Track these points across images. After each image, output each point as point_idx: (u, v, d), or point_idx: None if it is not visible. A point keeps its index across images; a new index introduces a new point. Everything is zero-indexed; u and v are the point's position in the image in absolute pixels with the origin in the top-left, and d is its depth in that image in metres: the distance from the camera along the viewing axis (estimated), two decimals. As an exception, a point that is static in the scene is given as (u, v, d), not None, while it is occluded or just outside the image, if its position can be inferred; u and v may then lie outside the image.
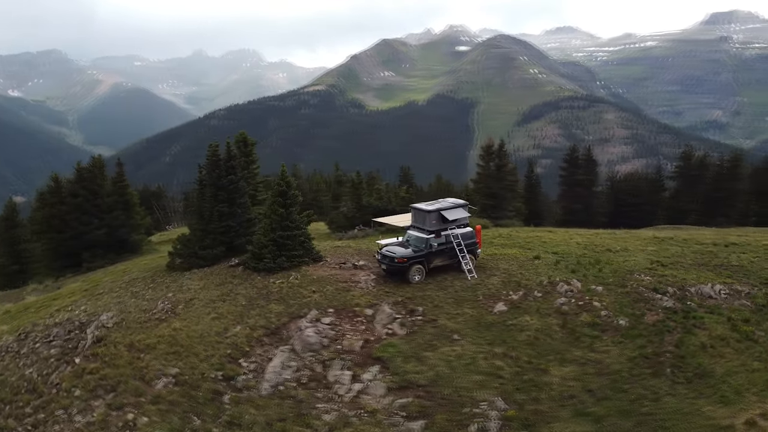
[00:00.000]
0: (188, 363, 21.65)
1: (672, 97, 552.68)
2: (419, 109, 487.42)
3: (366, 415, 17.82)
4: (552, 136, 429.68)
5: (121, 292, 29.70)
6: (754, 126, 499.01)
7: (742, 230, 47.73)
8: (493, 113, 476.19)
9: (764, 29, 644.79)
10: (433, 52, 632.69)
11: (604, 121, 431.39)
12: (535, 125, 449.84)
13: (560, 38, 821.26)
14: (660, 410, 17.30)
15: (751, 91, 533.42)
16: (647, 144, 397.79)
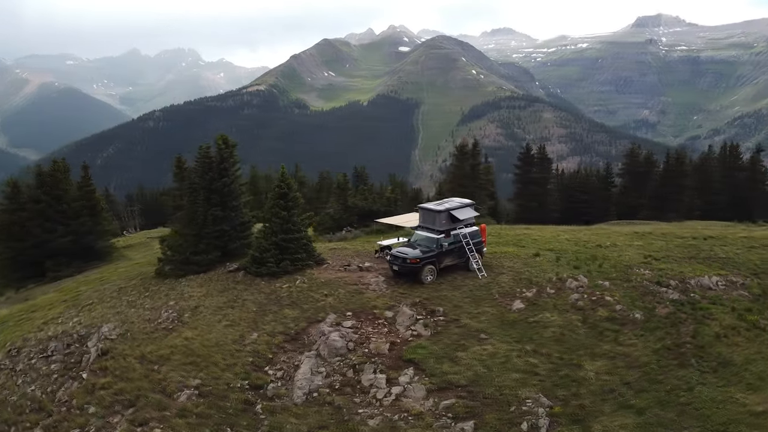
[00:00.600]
0: (210, 373, 20.90)
1: (605, 97, 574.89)
2: (363, 110, 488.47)
3: (412, 419, 17.67)
4: (493, 135, 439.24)
5: (114, 301, 28.35)
6: (679, 124, 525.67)
7: (706, 223, 50.20)
8: (437, 113, 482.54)
9: (687, 33, 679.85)
10: (375, 53, 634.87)
11: (543, 120, 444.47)
12: (477, 124, 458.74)
13: (498, 39, 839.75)
14: (696, 399, 17.94)
15: (675, 92, 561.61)
16: (583, 142, 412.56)
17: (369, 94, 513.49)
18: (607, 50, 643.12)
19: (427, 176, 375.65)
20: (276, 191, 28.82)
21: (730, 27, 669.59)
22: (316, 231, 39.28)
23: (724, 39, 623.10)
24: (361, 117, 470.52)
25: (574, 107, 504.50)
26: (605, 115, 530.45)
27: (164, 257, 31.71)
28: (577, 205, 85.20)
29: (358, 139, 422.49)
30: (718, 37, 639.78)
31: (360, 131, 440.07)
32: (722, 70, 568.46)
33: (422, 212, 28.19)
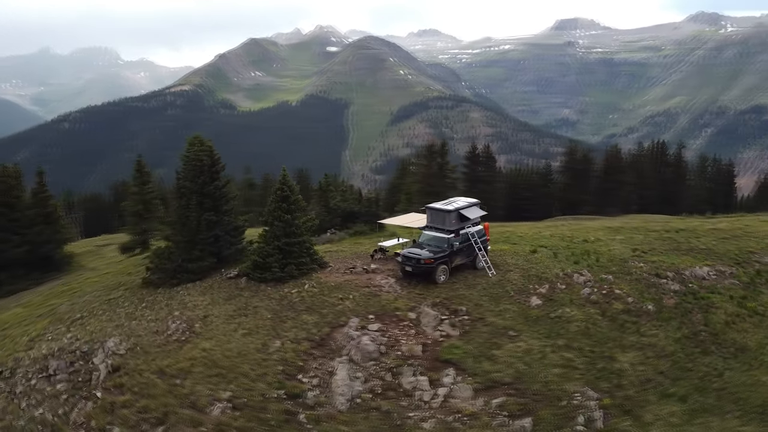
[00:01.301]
0: (240, 385, 20.13)
1: (528, 97, 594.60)
2: (292, 110, 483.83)
3: (467, 419, 17.67)
4: (423, 135, 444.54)
5: (109, 314, 26.77)
6: (598, 123, 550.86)
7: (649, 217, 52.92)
8: (367, 113, 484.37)
9: (603, 35, 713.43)
10: (303, 53, 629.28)
11: (470, 120, 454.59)
12: (406, 124, 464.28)
13: (425, 41, 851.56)
14: (728, 384, 18.93)
15: (594, 92, 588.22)
16: (509, 141, 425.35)
17: (298, 94, 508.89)
18: (529, 52, 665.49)
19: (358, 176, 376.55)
20: (278, 194, 28.06)
21: (641, 31, 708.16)
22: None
23: (637, 42, 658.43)
24: (291, 117, 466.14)
25: (499, 107, 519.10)
26: (529, 115, 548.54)
27: (153, 266, 30.23)
28: (521, 202, 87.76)
29: (288, 139, 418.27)
30: (631, 40, 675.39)
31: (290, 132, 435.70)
32: (635, 71, 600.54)
33: (431, 212, 28.20)
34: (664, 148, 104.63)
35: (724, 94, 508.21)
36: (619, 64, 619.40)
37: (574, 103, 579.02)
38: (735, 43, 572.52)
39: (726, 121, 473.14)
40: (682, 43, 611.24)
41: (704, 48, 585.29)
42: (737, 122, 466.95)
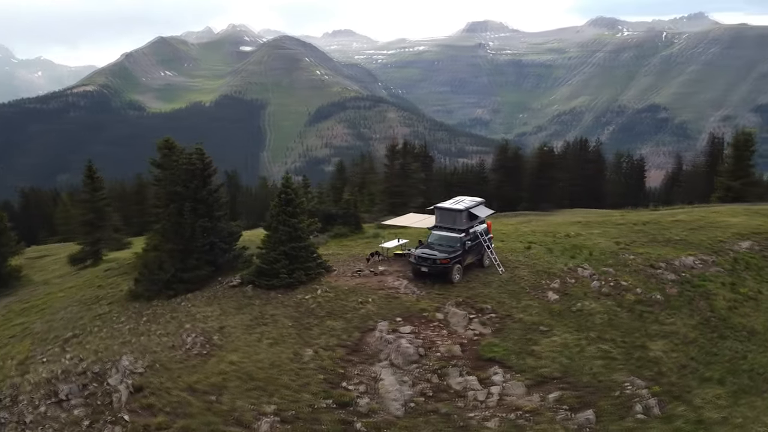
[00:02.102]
0: (283, 397, 19.39)
1: (443, 97, 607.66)
2: (206, 111, 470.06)
3: (530, 415, 17.88)
4: (341, 136, 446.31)
5: (108, 331, 24.94)
6: (509, 122, 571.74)
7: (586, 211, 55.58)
8: (284, 114, 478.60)
9: (512, 38, 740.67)
10: (216, 52, 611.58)
11: (388, 120, 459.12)
12: (324, 125, 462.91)
13: (340, 41, 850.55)
14: (756, 365, 20.27)
15: (505, 92, 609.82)
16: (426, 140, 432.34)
17: (212, 95, 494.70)
18: (443, 53, 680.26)
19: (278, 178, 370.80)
20: (282, 197, 27.17)
21: (546, 33, 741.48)
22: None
23: (543, 44, 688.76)
24: (206, 118, 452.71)
25: (416, 107, 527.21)
26: (444, 115, 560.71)
27: (143, 277, 28.47)
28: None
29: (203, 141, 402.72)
30: (538, 42, 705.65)
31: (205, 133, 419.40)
32: (542, 72, 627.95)
33: (441, 212, 28.24)
34: (586, 146, 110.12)
35: (623, 94, 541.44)
36: (528, 65, 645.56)
37: (487, 103, 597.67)
38: (631, 46, 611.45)
39: (625, 119, 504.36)
40: (584, 46, 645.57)
41: (604, 50, 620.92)
42: (635, 120, 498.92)
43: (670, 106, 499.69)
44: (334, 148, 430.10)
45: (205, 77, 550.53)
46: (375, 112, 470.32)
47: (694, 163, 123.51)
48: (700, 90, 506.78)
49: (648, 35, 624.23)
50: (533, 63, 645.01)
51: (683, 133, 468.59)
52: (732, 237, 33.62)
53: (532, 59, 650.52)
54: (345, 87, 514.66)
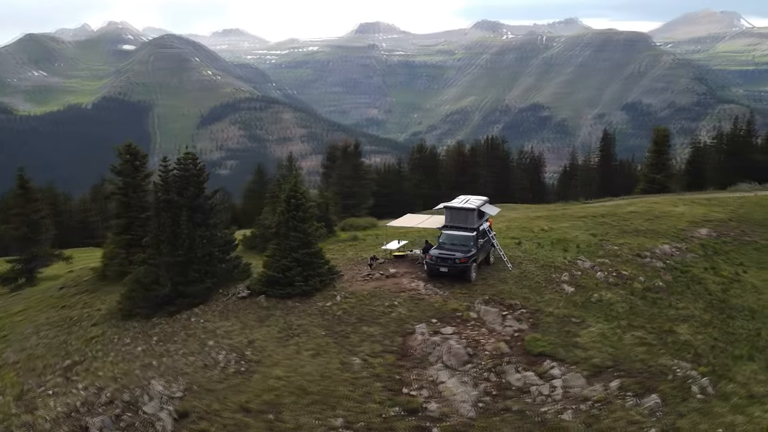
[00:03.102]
0: (348, 408, 18.69)
1: (337, 97, 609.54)
2: (86, 114, 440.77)
3: (600, 405, 18.39)
4: (235, 138, 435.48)
5: (118, 355, 22.84)
6: (403, 122, 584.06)
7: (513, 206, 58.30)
8: (173, 116, 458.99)
9: (403, 39, 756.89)
10: (93, 51, 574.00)
11: (283, 121, 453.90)
12: (217, 127, 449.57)
13: (230, 40, 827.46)
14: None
15: (397, 92, 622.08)
16: (322, 141, 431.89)
17: (92, 97, 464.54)
18: (335, 53, 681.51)
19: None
20: (291, 203, 26.09)
21: (435, 36, 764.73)
22: (254, 242, 35.97)
23: (433, 46, 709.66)
24: (86, 122, 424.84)
25: (310, 108, 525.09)
26: (339, 115, 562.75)
27: (134, 293, 26.26)
28: (380, 200, 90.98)
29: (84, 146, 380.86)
30: (427, 44, 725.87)
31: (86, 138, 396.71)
32: (433, 73, 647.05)
33: (451, 211, 28.29)
34: (495, 143, 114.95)
35: (508, 94, 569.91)
36: (419, 66, 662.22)
37: (381, 103, 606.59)
38: (513, 49, 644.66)
39: (511, 118, 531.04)
40: (471, 48, 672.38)
41: (489, 52, 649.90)
42: (520, 119, 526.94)
43: (550, 105, 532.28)
44: (228, 150, 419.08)
45: (83, 78, 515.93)
46: (269, 113, 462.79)
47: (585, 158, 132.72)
48: (576, 90, 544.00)
49: (529, 38, 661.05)
50: (424, 64, 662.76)
51: (563, 130, 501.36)
52: (689, 225, 36.54)
53: (423, 60, 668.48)
54: (237, 88, 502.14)
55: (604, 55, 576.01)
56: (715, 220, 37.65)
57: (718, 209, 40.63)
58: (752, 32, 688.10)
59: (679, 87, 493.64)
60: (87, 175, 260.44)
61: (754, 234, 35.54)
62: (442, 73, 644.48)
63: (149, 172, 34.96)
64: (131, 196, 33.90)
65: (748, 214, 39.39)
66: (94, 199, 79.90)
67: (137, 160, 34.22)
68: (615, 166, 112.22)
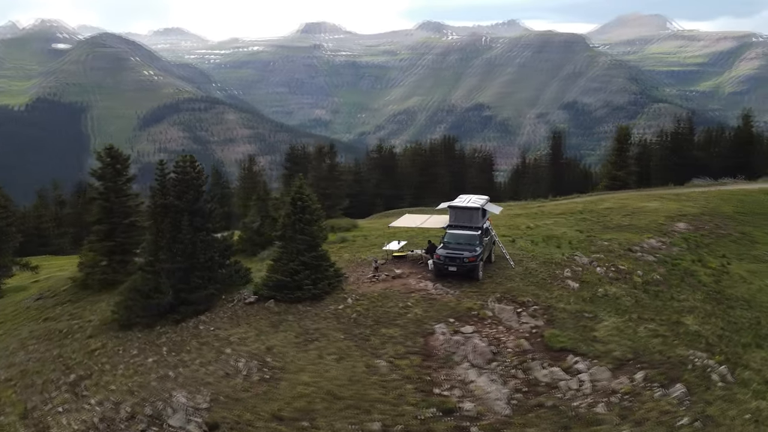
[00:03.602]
0: (383, 412, 18.51)
1: (282, 98, 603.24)
2: (16, 116, 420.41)
3: (630, 397, 18.84)
4: (177, 139, 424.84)
5: (128, 368, 21.81)
6: (349, 122, 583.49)
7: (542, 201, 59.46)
8: (110, 117, 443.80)
9: (348, 39, 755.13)
10: (23, 50, 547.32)
11: (227, 122, 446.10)
12: (157, 129, 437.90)
13: (170, 40, 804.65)
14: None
15: (343, 93, 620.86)
16: (268, 142, 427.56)
17: (23, 98, 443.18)
18: (278, 53, 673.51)
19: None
20: (298, 205, 25.59)
21: (380, 36, 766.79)
22: (241, 245, 35.09)
23: (377, 46, 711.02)
24: (16, 124, 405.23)
25: (254, 108, 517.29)
26: (284, 116, 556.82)
27: (133, 302, 25.19)
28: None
29: (14, 148, 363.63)
30: (372, 44, 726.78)
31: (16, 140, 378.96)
32: (378, 73, 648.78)
33: (456, 211, 28.32)
34: (452, 143, 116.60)
35: (452, 94, 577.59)
36: (364, 66, 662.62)
37: (326, 103, 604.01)
38: (457, 50, 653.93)
39: (455, 118, 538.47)
40: (415, 49, 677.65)
41: (433, 53, 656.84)
42: (464, 118, 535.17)
43: (493, 104, 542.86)
44: (170, 152, 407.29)
45: (11, 78, 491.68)
46: (212, 114, 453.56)
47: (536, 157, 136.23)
48: (517, 90, 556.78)
49: (471, 39, 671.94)
50: (369, 64, 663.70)
51: (506, 129, 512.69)
52: (667, 220, 37.96)
53: (368, 60, 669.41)
54: (178, 88, 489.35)
55: (543, 56, 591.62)
56: (689, 214, 39.25)
57: (689, 204, 42.39)
58: (680, 35, 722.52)
59: (615, 87, 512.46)
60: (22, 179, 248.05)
61: (727, 227, 37.29)
62: (387, 73, 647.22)
63: (131, 176, 33.62)
64: (113, 201, 32.49)
65: (717, 209, 41.26)
66: (44, 204, 76.27)
67: (119, 164, 32.82)
68: (563, 164, 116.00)
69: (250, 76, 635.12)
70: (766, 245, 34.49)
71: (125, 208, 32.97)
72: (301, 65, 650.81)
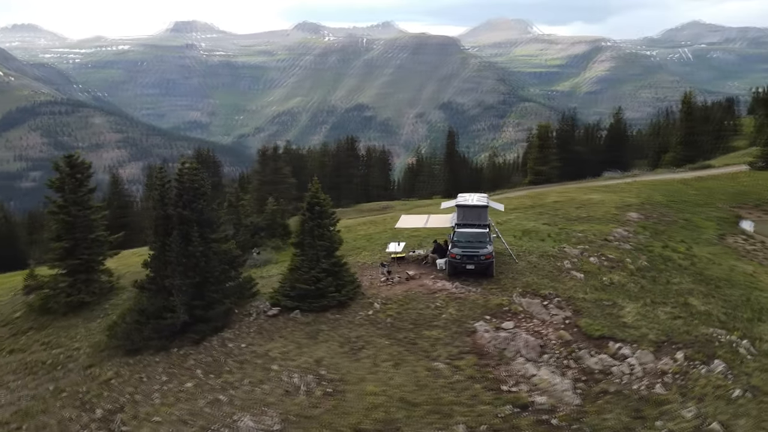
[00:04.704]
0: (463, 414, 18.41)
1: (153, 100, 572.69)
2: None
3: (680, 375, 20.10)
4: (37, 146, 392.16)
5: (165, 395, 19.83)
6: (228, 124, 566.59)
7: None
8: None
9: (222, 39, 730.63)
10: None
11: (93, 126, 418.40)
12: (14, 134, 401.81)
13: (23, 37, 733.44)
14: (762, 303, 25.80)
15: (220, 94, 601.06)
16: (141, 146, 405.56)
17: None
18: (149, 53, 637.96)
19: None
20: (315, 210, 24.56)
21: (256, 36, 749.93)
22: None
23: (253, 46, 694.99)
24: None
25: (123, 111, 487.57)
26: (156, 118, 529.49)
27: (140, 325, 22.94)
28: None
29: None
30: (248, 44, 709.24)
31: None
32: (256, 74, 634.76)
33: (464, 210, 28.38)
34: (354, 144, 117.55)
35: (333, 95, 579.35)
36: (240, 67, 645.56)
37: (202, 105, 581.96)
38: (335, 51, 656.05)
39: (337, 118, 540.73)
40: (293, 49, 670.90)
41: (312, 54, 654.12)
42: (346, 119, 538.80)
43: (373, 105, 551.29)
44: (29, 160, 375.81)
45: None
46: (76, 117, 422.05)
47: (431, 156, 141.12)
48: (396, 90, 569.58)
49: (349, 40, 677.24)
50: (246, 65, 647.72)
51: (387, 129, 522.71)
52: (618, 211, 40.68)
53: (245, 61, 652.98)
54: (35, 90, 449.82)
55: (420, 57, 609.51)
56: (633, 204, 42.37)
57: (626, 195, 45.74)
58: (541, 39, 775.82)
59: (486, 87, 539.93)
60: None
61: (670, 215, 40.71)
62: (265, 74, 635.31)
63: (93, 186, 30.56)
64: (76, 214, 29.32)
65: (651, 198, 44.91)
66: None
67: (80, 173, 29.68)
68: (458, 161, 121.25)
69: (117, 77, 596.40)
70: (710, 229, 38.11)
71: (89, 222, 29.88)
72: (174, 65, 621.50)
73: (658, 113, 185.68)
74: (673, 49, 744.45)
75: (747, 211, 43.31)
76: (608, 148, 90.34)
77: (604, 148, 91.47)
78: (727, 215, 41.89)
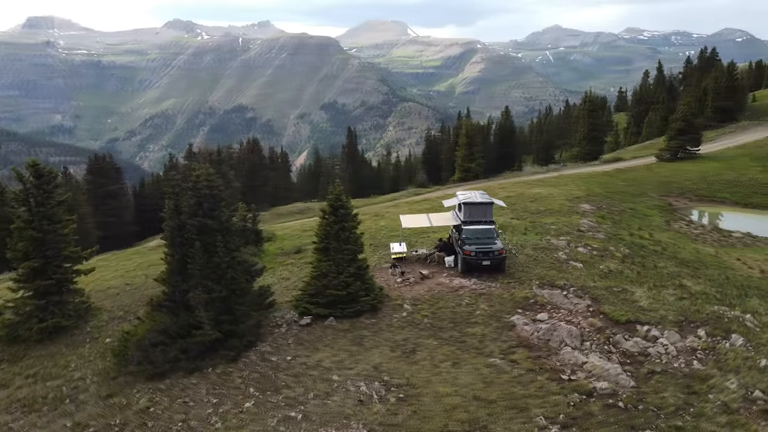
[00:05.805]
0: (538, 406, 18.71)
1: (11, 102, 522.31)
2: None
3: (709, 351, 21.69)
4: None
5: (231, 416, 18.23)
6: (96, 128, 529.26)
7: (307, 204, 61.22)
8: None
9: (85, 37, 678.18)
10: None
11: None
12: None
13: None
14: (742, 280, 28.46)
15: (85, 96, 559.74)
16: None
17: None
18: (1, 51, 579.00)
19: None
20: (339, 213, 23.70)
21: (123, 34, 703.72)
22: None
23: (120, 45, 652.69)
24: None
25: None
26: (14, 122, 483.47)
27: (168, 345, 20.99)
28: (152, 215, 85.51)
29: None
30: (115, 42, 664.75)
31: None
32: (125, 74, 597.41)
33: (471, 207, 28.52)
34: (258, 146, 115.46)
35: (211, 96, 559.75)
36: (108, 67, 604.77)
37: (66, 108, 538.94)
38: (211, 50, 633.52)
39: (217, 120, 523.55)
40: (165, 48, 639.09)
41: (186, 53, 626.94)
42: (226, 120, 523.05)
43: (254, 106, 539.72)
44: None
45: None
46: None
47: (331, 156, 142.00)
48: (277, 91, 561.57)
49: (226, 40, 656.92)
50: (114, 65, 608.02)
51: (270, 130, 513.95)
52: (571, 203, 43.09)
53: (112, 60, 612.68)
54: None
55: (299, 58, 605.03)
56: (581, 197, 45.08)
57: (569, 189, 48.54)
58: (418, 40, 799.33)
59: (368, 88, 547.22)
60: None
61: (615, 205, 43.75)
62: (136, 74, 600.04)
63: (65, 197, 27.42)
64: (47, 230, 26.16)
65: (591, 190, 48.02)
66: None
67: (47, 183, 26.51)
68: (360, 161, 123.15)
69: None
70: (655, 217, 41.45)
71: (60, 238, 26.79)
72: (32, 64, 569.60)
73: (538, 112, 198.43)
74: (537, 51, 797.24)
75: (674, 199, 47.47)
76: (499, 146, 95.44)
77: (496, 146, 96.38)
78: (661, 203, 45.67)
